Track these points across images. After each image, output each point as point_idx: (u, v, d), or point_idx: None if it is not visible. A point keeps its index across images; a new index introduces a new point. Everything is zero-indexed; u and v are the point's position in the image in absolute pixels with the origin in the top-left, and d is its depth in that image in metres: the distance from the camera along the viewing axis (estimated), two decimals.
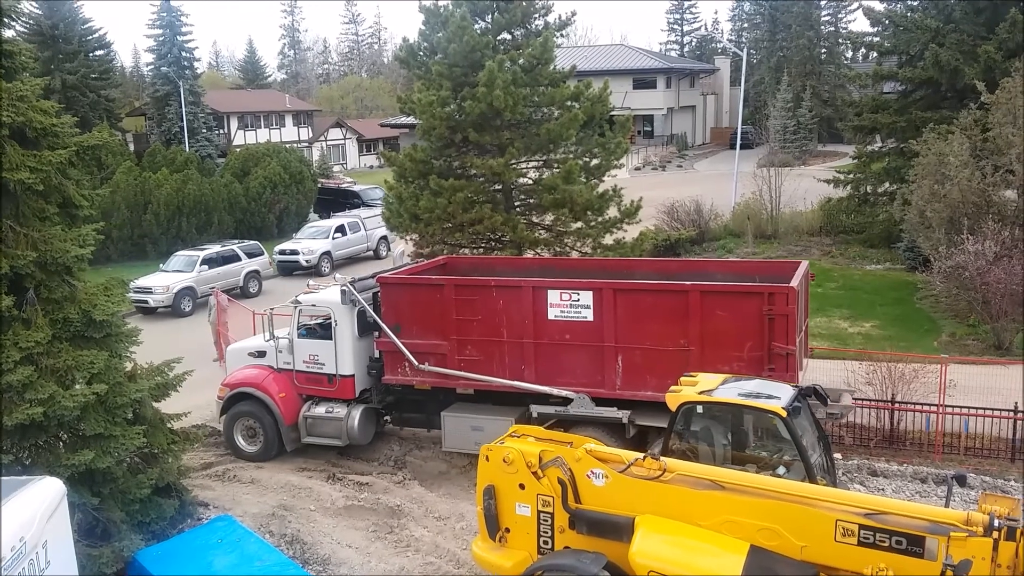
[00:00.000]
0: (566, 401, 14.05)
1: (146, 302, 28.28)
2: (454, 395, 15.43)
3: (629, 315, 13.75)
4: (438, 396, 15.54)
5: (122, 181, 38.18)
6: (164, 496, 12.66)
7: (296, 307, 16.08)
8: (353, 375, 15.70)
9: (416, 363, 15.14)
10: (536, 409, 14.23)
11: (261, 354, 16.48)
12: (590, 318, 13.95)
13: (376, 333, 15.64)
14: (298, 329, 16.07)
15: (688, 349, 13.34)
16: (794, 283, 13.16)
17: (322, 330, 15.92)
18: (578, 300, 14.02)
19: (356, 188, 42.96)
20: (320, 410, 15.91)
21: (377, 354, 15.85)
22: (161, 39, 63.30)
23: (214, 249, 30.96)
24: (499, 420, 14.10)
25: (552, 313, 14.16)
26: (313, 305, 16.02)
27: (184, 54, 63.42)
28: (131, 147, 58.29)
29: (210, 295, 24.55)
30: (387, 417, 16.72)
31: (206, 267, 29.60)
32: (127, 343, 12.07)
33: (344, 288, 15.44)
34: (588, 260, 20.37)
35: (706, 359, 13.05)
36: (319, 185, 47.17)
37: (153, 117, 64.40)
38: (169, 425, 13.17)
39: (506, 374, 14.54)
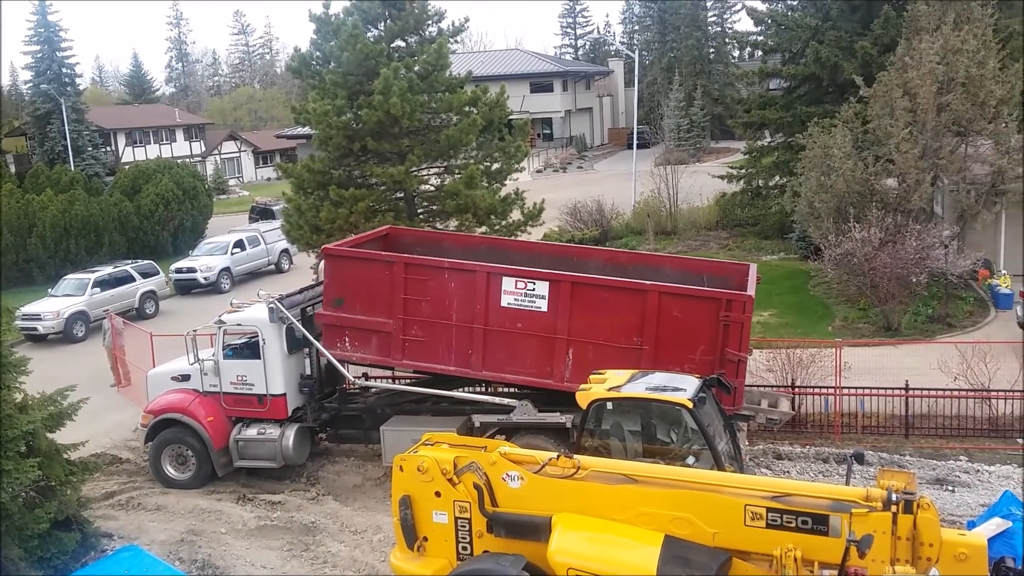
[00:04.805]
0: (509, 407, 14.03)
1: (35, 329, 27.02)
2: (391, 409, 15.24)
3: (584, 309, 13.65)
4: (375, 411, 15.32)
5: (4, 204, 36.39)
6: (64, 529, 12.17)
7: (220, 327, 15.55)
8: (285, 394, 15.30)
9: (352, 379, 15.10)
10: (478, 419, 14.17)
11: (185, 377, 15.90)
12: (544, 309, 13.79)
13: (315, 315, 15.34)
14: (224, 349, 15.57)
15: (641, 348, 13.34)
16: (750, 291, 13.39)
17: (249, 349, 15.46)
18: (533, 290, 13.86)
19: (274, 207, 42.68)
20: (252, 432, 15.46)
21: (309, 370, 15.53)
22: (39, 55, 60.73)
23: (106, 271, 29.73)
24: (440, 432, 13.95)
25: (505, 300, 13.95)
26: (239, 324, 15.56)
27: (65, 70, 60.96)
28: (12, 168, 55.67)
29: (104, 319, 23.64)
30: (322, 435, 16.39)
31: (98, 290, 28.44)
32: (15, 373, 11.59)
33: (272, 305, 15.06)
34: (540, 244, 19.78)
35: (658, 359, 13.06)
36: (254, 204, 47.34)
37: (35, 136, 61.74)
38: (66, 456, 12.67)
39: (452, 358, 14.31)
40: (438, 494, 9.89)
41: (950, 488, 13.99)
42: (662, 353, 13.21)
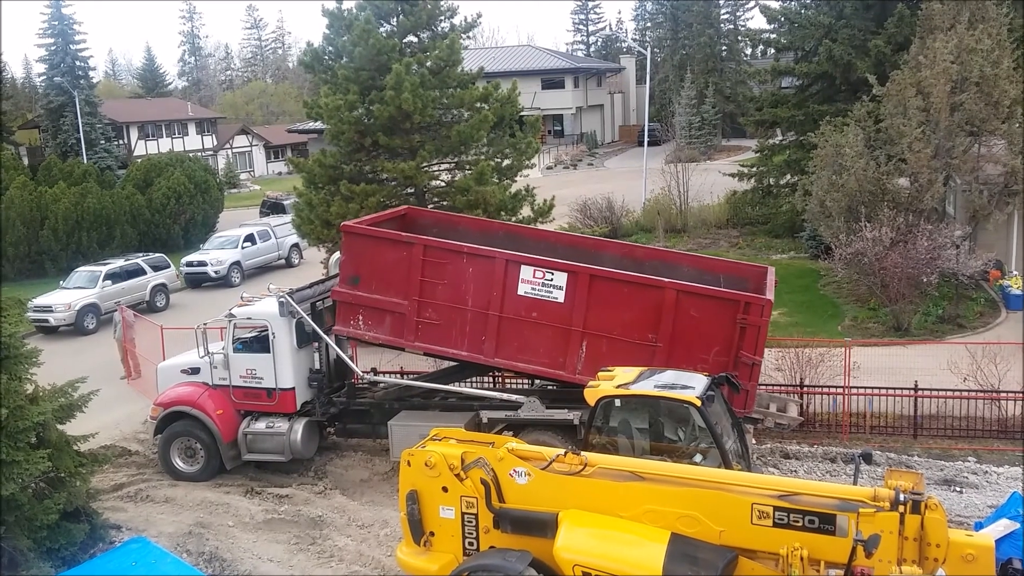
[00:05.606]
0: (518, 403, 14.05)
1: (47, 321, 27.13)
2: (399, 404, 15.30)
3: (601, 302, 13.60)
4: (383, 406, 15.36)
5: (16, 197, 36.55)
6: (73, 521, 12.21)
7: (231, 321, 15.60)
8: (293, 388, 15.36)
9: (360, 373, 15.24)
10: (486, 414, 14.15)
11: (195, 371, 15.97)
12: (561, 299, 13.76)
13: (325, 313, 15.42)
14: (233, 343, 15.60)
15: (655, 345, 13.31)
16: (769, 294, 13.31)
17: (259, 343, 15.50)
18: (551, 280, 13.83)
19: (285, 201, 42.90)
20: (260, 425, 15.52)
21: (318, 365, 15.58)
22: (53, 48, 61.07)
23: (117, 263, 29.85)
24: (448, 428, 13.95)
25: (522, 289, 13.92)
26: (249, 318, 15.60)
27: (78, 63, 61.28)
28: (25, 161, 55.87)
29: (115, 311, 23.75)
30: (330, 429, 16.43)
31: (109, 282, 28.56)
32: (27, 364, 11.63)
33: (281, 299, 15.11)
34: (557, 233, 19.53)
35: (672, 357, 13.03)
36: (265, 198, 47.85)
37: (48, 129, 62.07)
38: (76, 447, 12.72)
39: (465, 344, 14.31)
40: (445, 489, 9.92)
41: (958, 489, 13.94)
42: (676, 351, 13.18)
